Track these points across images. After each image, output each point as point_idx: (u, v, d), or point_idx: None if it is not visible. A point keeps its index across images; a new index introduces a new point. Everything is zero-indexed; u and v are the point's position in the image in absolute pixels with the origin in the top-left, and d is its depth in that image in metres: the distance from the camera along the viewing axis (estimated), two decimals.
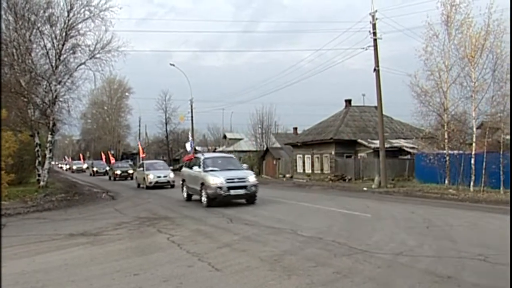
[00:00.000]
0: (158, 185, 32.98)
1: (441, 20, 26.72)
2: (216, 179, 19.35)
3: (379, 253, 9.66)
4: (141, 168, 35.44)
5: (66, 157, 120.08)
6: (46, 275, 8.67)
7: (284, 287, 7.40)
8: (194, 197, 22.19)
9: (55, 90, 30.24)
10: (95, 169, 63.39)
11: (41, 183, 30.73)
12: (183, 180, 23.44)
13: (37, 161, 31.64)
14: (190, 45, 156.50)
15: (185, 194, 23.06)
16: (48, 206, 22.06)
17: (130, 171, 48.64)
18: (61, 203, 23.38)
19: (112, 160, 62.41)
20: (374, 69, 30.66)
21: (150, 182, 32.97)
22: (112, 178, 48.41)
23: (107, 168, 57.99)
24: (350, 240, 11.07)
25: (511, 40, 19.54)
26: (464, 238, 11.21)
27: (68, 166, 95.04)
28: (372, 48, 30.80)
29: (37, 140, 31.27)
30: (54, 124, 31.48)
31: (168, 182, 33.73)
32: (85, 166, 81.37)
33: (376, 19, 30.53)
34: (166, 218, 16.68)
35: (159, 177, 33.33)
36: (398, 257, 9.32)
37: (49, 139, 31.73)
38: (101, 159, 74.08)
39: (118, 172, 48.42)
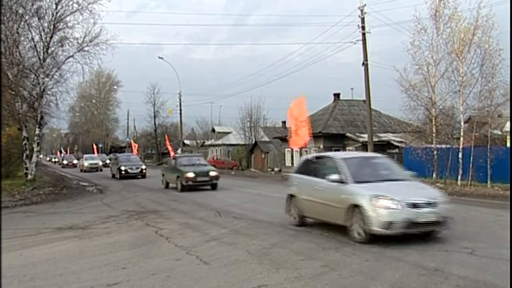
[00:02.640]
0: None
1: (429, 14, 26.76)
2: None
3: (367, 246, 9.70)
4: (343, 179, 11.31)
5: (62, 149, 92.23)
6: (34, 269, 8.65)
7: (272, 280, 7.42)
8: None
9: (43, 83, 30.01)
10: (123, 168, 36.77)
11: (29, 176, 30.52)
12: None
13: (24, 155, 31.43)
14: (181, 38, 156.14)
15: None
16: (36, 199, 21.93)
17: (214, 173, 26.47)
18: (49, 196, 23.25)
19: (171, 151, 42.00)
20: (363, 63, 30.67)
21: (390, 224, 9.95)
22: (176, 187, 26.21)
23: (143, 167, 38.31)
24: (338, 233, 11.11)
25: (511, 35, 19.59)
26: (451, 232, 11.27)
27: (65, 162, 70.91)
28: (361, 42, 30.83)
29: (24, 134, 31.04)
30: (42, 118, 31.27)
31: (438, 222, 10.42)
32: (100, 162, 53.58)
33: (365, 13, 30.51)
34: (154, 211, 16.65)
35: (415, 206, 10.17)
36: (386, 250, 9.37)
37: (37, 132, 31.50)
38: (132, 150, 52.56)
39: (191, 175, 25.47)
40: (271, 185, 29.35)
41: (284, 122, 67.71)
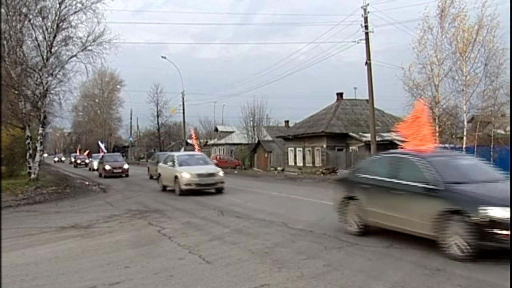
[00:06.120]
0: None
1: (435, 13, 26.71)
2: None
3: (370, 246, 9.70)
4: None
5: (100, 144, 59.56)
6: (37, 268, 8.66)
7: (275, 280, 7.42)
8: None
9: (46, 83, 30.07)
10: None
11: (32, 175, 30.58)
12: None
13: (28, 154, 31.48)
14: (186, 36, 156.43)
15: None
16: (39, 199, 21.96)
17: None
18: (52, 195, 23.27)
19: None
20: (366, 63, 30.65)
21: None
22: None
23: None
24: (340, 233, 11.10)
25: (511, 33, 19.53)
26: None
27: (108, 167, 37.84)
28: (364, 41, 30.79)
29: (28, 133, 31.08)
30: (45, 117, 31.34)
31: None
32: (220, 172, 22.79)
33: (368, 12, 30.51)
34: (157, 211, 16.65)
35: None
36: (389, 249, 9.36)
37: (40, 131, 31.58)
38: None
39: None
40: (273, 184, 29.35)
41: (287, 122, 67.82)
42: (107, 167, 37.92)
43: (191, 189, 21.25)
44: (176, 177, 21.87)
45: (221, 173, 22.31)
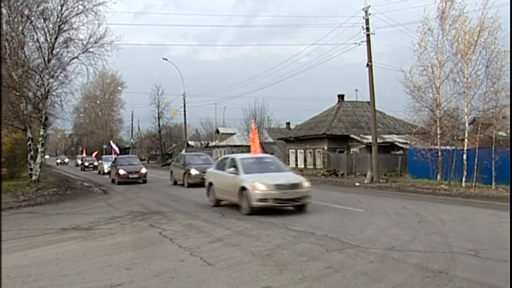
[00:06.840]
0: None
1: (436, 15, 26.70)
2: None
3: (371, 248, 9.69)
4: None
5: (112, 144, 56.16)
6: (38, 270, 8.65)
7: (276, 282, 7.41)
8: None
9: (48, 84, 30.10)
10: None
11: (33, 177, 30.57)
12: None
13: (29, 156, 31.50)
14: (188, 38, 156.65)
15: None
16: (40, 200, 21.96)
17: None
18: (53, 197, 23.27)
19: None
20: (367, 65, 30.64)
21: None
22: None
23: None
24: (342, 235, 11.10)
25: (511, 35, 19.47)
26: (456, 233, 11.25)
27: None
28: (365, 43, 30.78)
29: (29, 134, 31.11)
30: (46, 118, 31.35)
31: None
32: (303, 182, 16.25)
33: (369, 14, 30.53)
34: (158, 212, 16.64)
35: None
36: (390, 252, 9.35)
37: (41, 133, 31.60)
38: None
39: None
40: None
41: (288, 123, 67.78)
42: (122, 172, 32.74)
43: (267, 206, 15.17)
44: (243, 188, 15.76)
45: (306, 184, 16.21)
